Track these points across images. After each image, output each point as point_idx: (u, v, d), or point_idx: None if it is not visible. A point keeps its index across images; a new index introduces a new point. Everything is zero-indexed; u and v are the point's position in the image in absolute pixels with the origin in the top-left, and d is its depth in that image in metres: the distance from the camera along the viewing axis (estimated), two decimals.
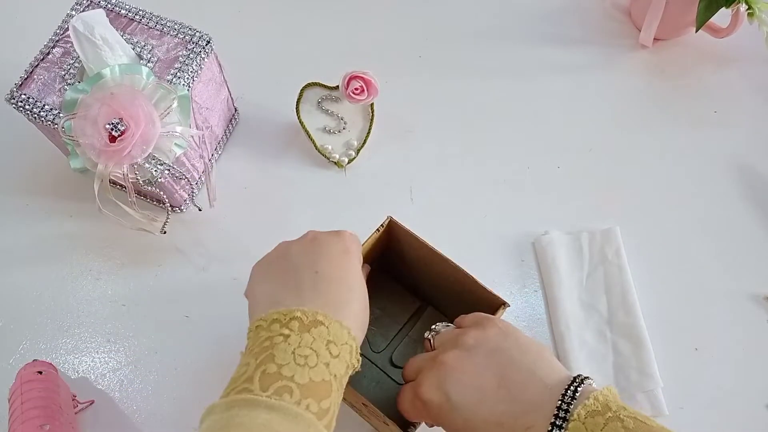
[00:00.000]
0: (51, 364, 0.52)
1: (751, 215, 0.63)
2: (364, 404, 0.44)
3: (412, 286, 0.56)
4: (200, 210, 0.60)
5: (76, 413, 0.52)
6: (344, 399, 0.50)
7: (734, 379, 0.56)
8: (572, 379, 0.36)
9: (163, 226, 0.57)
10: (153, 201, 0.62)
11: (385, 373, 0.54)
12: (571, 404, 0.34)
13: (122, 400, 0.55)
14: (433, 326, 0.44)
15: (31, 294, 0.59)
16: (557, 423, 0.34)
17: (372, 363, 0.54)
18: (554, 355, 0.39)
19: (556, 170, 0.66)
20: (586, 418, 0.33)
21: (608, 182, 0.65)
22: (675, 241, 0.62)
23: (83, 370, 0.56)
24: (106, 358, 0.56)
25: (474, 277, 0.47)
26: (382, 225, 0.47)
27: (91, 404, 0.54)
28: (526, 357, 0.37)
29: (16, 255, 0.61)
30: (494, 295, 0.46)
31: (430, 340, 0.43)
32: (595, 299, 0.59)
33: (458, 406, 0.37)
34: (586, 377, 0.36)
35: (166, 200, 0.56)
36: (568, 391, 0.35)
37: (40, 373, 0.50)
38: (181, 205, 0.61)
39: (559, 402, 0.34)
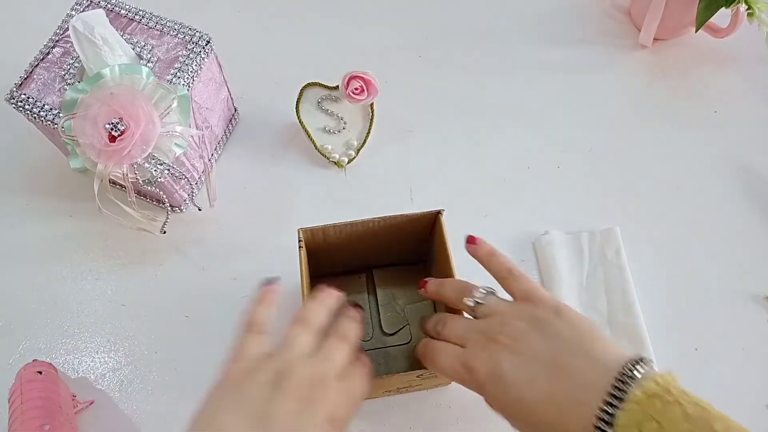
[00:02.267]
0: (51, 364, 0.52)
1: (751, 215, 0.63)
2: (417, 377, 0.45)
3: (346, 266, 0.56)
4: (200, 210, 0.60)
5: (76, 413, 0.52)
6: (388, 392, 0.52)
7: (734, 379, 0.56)
8: (632, 359, 0.34)
9: (163, 226, 0.57)
10: (153, 201, 0.62)
11: (387, 347, 0.55)
12: (629, 384, 0.33)
13: (122, 400, 0.55)
14: (476, 294, 0.42)
15: (31, 294, 0.59)
16: (611, 402, 0.33)
17: (374, 349, 0.55)
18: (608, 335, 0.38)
19: (556, 170, 0.66)
20: (643, 399, 0.32)
21: (608, 182, 0.65)
22: (675, 242, 0.62)
23: (83, 370, 0.56)
24: (106, 358, 0.56)
25: (396, 213, 0.47)
26: (300, 239, 0.46)
27: (91, 404, 0.54)
28: (581, 338, 0.37)
29: (16, 255, 0.61)
30: (426, 213, 0.47)
31: (473, 308, 0.41)
32: (595, 299, 0.59)
33: (511, 385, 0.36)
34: (646, 359, 0.35)
35: (166, 200, 0.56)
36: (626, 370, 0.33)
37: (40, 373, 0.50)
38: (180, 205, 0.61)
39: (616, 380, 0.33)
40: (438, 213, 0.47)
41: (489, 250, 0.44)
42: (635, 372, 0.33)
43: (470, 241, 0.45)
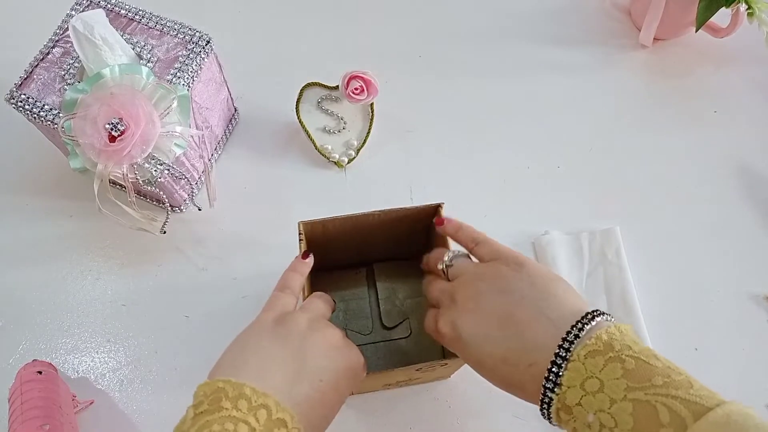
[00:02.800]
0: (51, 364, 0.52)
1: (751, 215, 0.63)
2: (417, 371, 0.45)
3: (347, 261, 0.56)
4: (200, 210, 0.60)
5: (76, 413, 0.52)
6: (388, 385, 0.52)
7: (734, 379, 0.56)
8: (584, 315, 0.34)
9: (163, 226, 0.57)
10: (153, 201, 0.62)
11: (387, 341, 0.55)
12: (574, 343, 0.33)
13: (122, 400, 0.55)
14: (445, 257, 0.43)
15: (31, 294, 0.59)
16: (557, 362, 0.33)
17: (374, 343, 0.55)
18: (571, 288, 0.38)
19: (556, 170, 0.66)
20: (585, 358, 0.32)
21: (608, 182, 0.65)
22: (675, 241, 0.62)
23: (83, 370, 0.56)
24: (106, 358, 0.56)
25: (396, 207, 0.47)
26: (300, 233, 0.46)
27: (91, 404, 0.54)
28: (538, 294, 0.37)
29: (16, 255, 0.61)
30: (425, 207, 0.47)
31: (444, 271, 0.43)
32: (594, 299, 0.59)
33: (468, 343, 0.38)
34: (601, 313, 0.34)
35: (166, 200, 0.56)
36: (573, 330, 0.34)
37: (40, 373, 0.50)
38: (180, 205, 0.61)
39: (562, 341, 0.33)
40: (438, 206, 0.47)
41: (455, 225, 0.45)
42: (582, 330, 0.33)
43: (438, 223, 0.46)
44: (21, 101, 0.53)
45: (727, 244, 0.62)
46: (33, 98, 0.53)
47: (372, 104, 0.66)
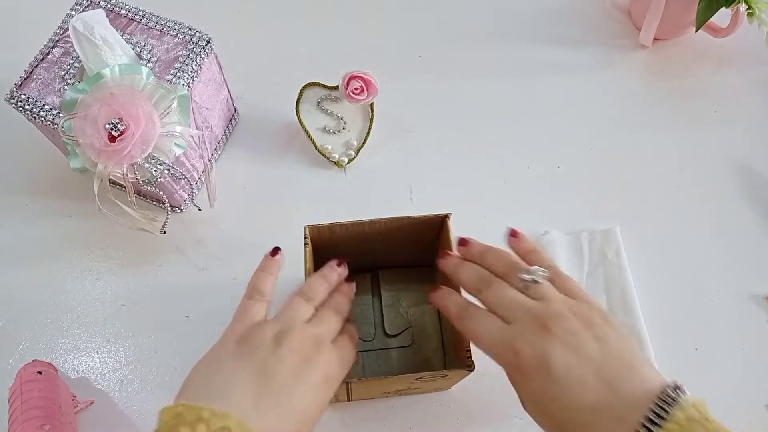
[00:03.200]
0: (51, 364, 0.52)
1: (751, 215, 0.63)
2: (417, 380, 0.45)
3: (352, 266, 0.56)
4: (200, 210, 0.60)
5: (76, 413, 0.52)
6: (387, 393, 0.52)
7: (734, 379, 0.56)
8: (671, 383, 0.35)
9: (163, 226, 0.57)
10: (153, 201, 0.62)
11: (388, 349, 0.55)
12: (671, 405, 0.33)
13: (122, 399, 0.55)
14: (540, 271, 0.40)
15: (31, 294, 0.59)
16: (654, 420, 0.33)
17: (375, 350, 0.55)
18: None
19: (556, 170, 0.66)
20: (685, 423, 0.33)
21: (608, 182, 0.65)
22: (675, 241, 0.62)
23: (83, 370, 0.56)
24: (106, 358, 0.56)
25: (404, 215, 0.47)
26: (306, 236, 0.46)
27: (90, 404, 0.54)
28: (629, 350, 0.37)
29: (16, 255, 0.61)
30: (432, 216, 0.47)
31: (526, 284, 0.40)
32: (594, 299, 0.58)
33: (556, 381, 0.36)
34: (681, 386, 0.35)
35: (166, 200, 0.56)
36: (669, 392, 0.34)
37: (40, 373, 0.50)
38: (180, 205, 0.61)
39: (658, 401, 0.34)
40: (445, 216, 0.47)
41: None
42: (677, 395, 0.34)
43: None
44: (21, 101, 0.53)
45: (727, 244, 0.62)
46: (33, 98, 0.53)
47: (372, 104, 0.66)
